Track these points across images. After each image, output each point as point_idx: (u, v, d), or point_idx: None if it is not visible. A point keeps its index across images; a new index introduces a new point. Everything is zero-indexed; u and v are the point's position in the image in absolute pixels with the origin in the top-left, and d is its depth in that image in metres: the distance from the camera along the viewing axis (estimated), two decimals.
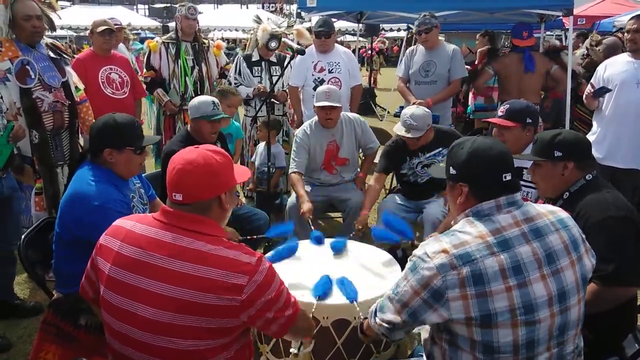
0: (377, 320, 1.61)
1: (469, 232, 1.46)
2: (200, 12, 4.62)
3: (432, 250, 1.45)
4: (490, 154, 1.51)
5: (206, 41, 4.77)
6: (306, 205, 3.24)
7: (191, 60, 4.55)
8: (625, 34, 3.68)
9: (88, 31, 4.68)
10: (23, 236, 2.27)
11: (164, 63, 4.51)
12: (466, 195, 1.54)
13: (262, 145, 4.33)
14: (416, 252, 1.50)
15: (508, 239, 1.44)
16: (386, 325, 1.57)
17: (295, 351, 1.94)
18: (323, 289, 2.16)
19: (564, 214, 1.58)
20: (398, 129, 3.34)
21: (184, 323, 1.37)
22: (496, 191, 1.50)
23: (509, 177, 1.50)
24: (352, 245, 2.78)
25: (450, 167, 1.59)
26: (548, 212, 1.55)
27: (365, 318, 1.78)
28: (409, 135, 3.26)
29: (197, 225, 1.46)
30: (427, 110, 3.42)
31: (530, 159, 2.11)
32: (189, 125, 3.37)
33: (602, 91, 3.62)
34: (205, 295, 1.37)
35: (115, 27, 4.57)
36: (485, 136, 1.63)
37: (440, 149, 3.40)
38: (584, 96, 3.87)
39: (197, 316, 1.37)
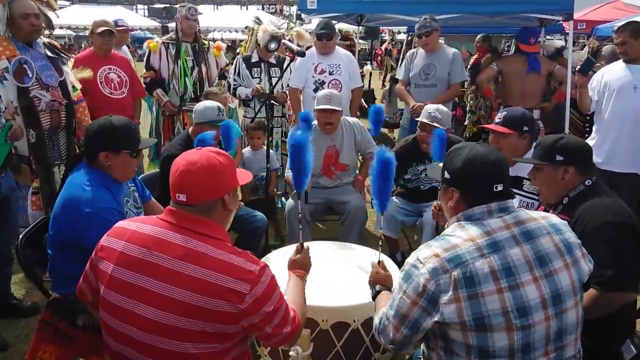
0: (382, 340, 1.61)
1: (459, 236, 1.47)
2: (200, 13, 4.62)
3: (423, 256, 1.45)
4: (485, 164, 1.53)
5: (206, 42, 4.77)
6: None
7: (191, 61, 4.54)
8: (617, 47, 3.70)
9: (88, 31, 4.68)
10: (21, 236, 2.26)
11: (163, 63, 4.50)
12: (456, 200, 1.56)
13: (246, 151, 4.30)
14: (408, 260, 1.50)
15: (498, 241, 1.45)
16: (391, 346, 1.58)
17: (294, 354, 1.94)
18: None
19: (556, 219, 1.59)
20: (422, 118, 3.38)
21: (185, 325, 1.37)
22: (486, 200, 1.52)
23: (500, 188, 1.52)
24: (351, 248, 2.78)
25: (446, 171, 1.61)
26: (540, 217, 1.56)
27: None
28: (432, 123, 3.27)
29: (204, 227, 1.46)
30: (450, 111, 3.47)
31: (532, 162, 2.12)
32: (190, 129, 3.36)
33: (589, 63, 3.62)
34: (207, 299, 1.37)
35: (122, 28, 4.58)
36: (483, 144, 1.64)
37: None
38: (578, 92, 3.88)
39: (198, 319, 1.37)
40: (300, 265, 1.97)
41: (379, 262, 2.01)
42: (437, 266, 1.41)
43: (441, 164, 1.70)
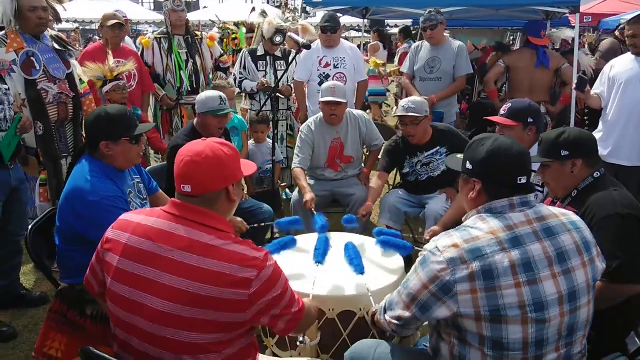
0: (387, 317, 1.62)
1: (481, 228, 1.47)
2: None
3: (443, 244, 1.46)
4: (510, 155, 1.51)
5: (199, 33, 4.75)
6: (309, 195, 3.27)
7: (185, 53, 4.51)
8: (626, 40, 3.69)
9: (95, 24, 4.71)
10: (30, 227, 2.28)
11: (157, 59, 4.48)
12: (478, 191, 1.55)
13: (250, 144, 4.31)
14: (427, 246, 1.51)
15: (519, 236, 1.45)
16: (396, 322, 1.58)
17: (302, 343, 1.96)
18: (323, 252, 2.43)
19: (575, 217, 1.58)
20: (397, 112, 3.40)
21: (192, 315, 1.38)
22: (509, 192, 1.51)
23: (524, 180, 1.51)
24: (356, 239, 2.79)
25: (468, 162, 1.59)
26: (560, 214, 1.56)
27: (375, 312, 1.81)
28: (408, 114, 3.29)
29: (207, 219, 1.47)
30: (424, 99, 3.49)
31: (538, 161, 2.11)
32: (194, 120, 3.38)
33: (582, 82, 3.63)
34: (214, 289, 1.37)
35: (124, 19, 4.59)
36: (506, 136, 1.63)
37: (438, 147, 3.43)
38: (578, 95, 3.88)
39: (205, 309, 1.38)
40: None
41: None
42: (456, 256, 1.42)
43: (460, 155, 1.68)
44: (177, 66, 4.49)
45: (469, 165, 1.59)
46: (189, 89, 4.51)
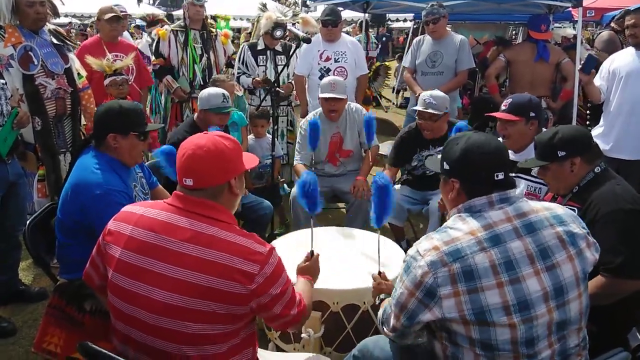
0: (385, 330, 1.62)
1: (460, 229, 1.46)
2: (206, 0, 4.61)
3: (423, 248, 1.45)
4: (484, 152, 1.51)
5: (214, 30, 4.77)
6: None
7: (200, 48, 4.55)
8: (626, 30, 3.66)
9: (92, 19, 4.69)
10: (28, 222, 2.27)
11: (172, 51, 4.50)
12: (457, 191, 1.54)
13: (250, 139, 4.30)
14: (409, 251, 1.50)
15: (499, 234, 1.43)
16: (392, 333, 1.58)
17: (306, 336, 1.96)
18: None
19: (561, 210, 1.55)
20: (418, 106, 3.35)
21: (195, 307, 1.38)
22: (487, 189, 1.49)
23: (501, 176, 1.50)
24: (357, 233, 2.79)
25: (444, 162, 1.59)
26: (543, 208, 1.53)
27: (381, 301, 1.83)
28: (427, 110, 3.24)
29: (211, 211, 1.47)
30: (446, 95, 3.41)
31: (536, 165, 2.10)
32: (195, 115, 3.37)
33: (590, 61, 3.60)
34: (217, 280, 1.38)
35: (122, 14, 4.57)
36: (481, 132, 1.63)
37: None
38: (584, 85, 3.85)
39: (208, 301, 1.38)
40: (309, 272, 1.96)
41: (379, 273, 1.99)
42: (436, 259, 1.41)
43: (439, 157, 1.68)
44: (192, 60, 4.49)
45: (445, 166, 1.58)
46: (201, 83, 4.51)
